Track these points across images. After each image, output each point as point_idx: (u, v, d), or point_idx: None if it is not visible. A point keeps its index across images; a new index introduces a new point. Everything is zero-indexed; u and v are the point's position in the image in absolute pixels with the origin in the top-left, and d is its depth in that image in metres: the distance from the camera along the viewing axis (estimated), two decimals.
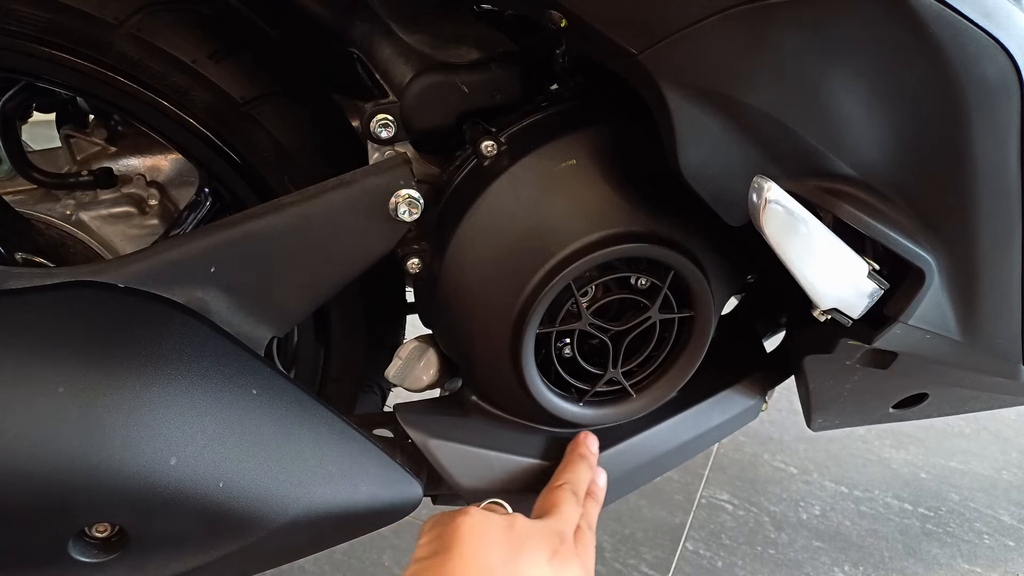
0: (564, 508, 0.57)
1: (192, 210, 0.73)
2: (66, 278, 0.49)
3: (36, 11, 0.55)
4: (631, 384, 0.64)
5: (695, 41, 0.45)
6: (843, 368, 0.65)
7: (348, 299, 0.68)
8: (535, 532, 0.53)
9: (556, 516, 0.56)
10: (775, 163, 0.51)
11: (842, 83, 0.48)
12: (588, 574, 0.54)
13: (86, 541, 0.48)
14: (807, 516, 1.20)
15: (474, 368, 0.63)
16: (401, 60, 0.58)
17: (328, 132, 0.65)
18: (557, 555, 0.52)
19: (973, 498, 1.26)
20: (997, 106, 0.49)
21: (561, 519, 0.56)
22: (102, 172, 0.73)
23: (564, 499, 0.58)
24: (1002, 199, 0.54)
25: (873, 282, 0.53)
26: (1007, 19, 0.47)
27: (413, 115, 0.57)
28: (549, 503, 0.58)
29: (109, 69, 0.58)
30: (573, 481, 0.60)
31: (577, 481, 0.60)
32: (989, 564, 1.14)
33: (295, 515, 0.51)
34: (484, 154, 0.56)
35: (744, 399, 0.73)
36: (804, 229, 0.50)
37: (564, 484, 0.59)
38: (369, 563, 1.08)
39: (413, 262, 0.59)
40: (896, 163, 0.51)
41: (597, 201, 0.56)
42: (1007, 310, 0.61)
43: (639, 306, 0.61)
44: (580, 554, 0.54)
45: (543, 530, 0.53)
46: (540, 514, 0.57)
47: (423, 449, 0.61)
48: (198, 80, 0.59)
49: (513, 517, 0.53)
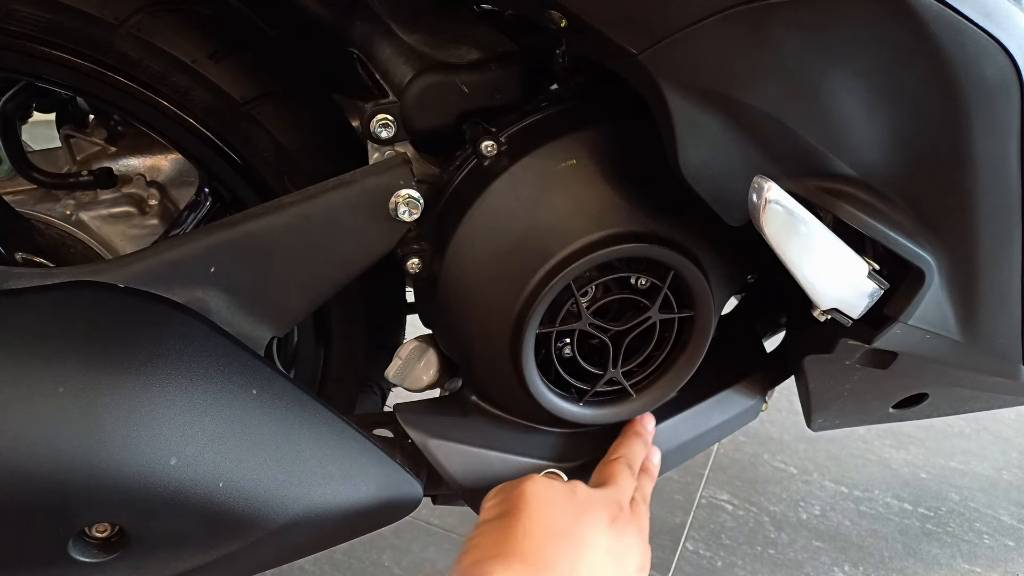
0: (620, 479, 0.59)
1: (192, 210, 0.73)
2: (66, 278, 0.49)
3: (36, 11, 0.55)
4: (631, 384, 0.64)
5: (695, 41, 0.45)
6: (843, 368, 0.65)
7: (348, 299, 0.68)
8: (596, 498, 0.56)
9: (613, 486, 0.58)
10: (775, 163, 0.51)
11: (842, 83, 0.48)
12: (644, 540, 0.57)
13: (86, 541, 0.48)
14: (807, 516, 1.20)
15: (474, 368, 0.63)
16: (401, 60, 0.58)
17: (328, 132, 0.65)
18: (616, 521, 0.55)
19: (973, 498, 1.26)
20: (997, 106, 0.49)
21: (618, 489, 0.58)
22: (102, 172, 0.73)
23: (620, 471, 0.60)
24: (1002, 199, 0.54)
25: (873, 282, 0.53)
26: (1007, 19, 0.47)
27: (413, 115, 0.57)
28: (606, 475, 0.60)
29: (109, 69, 0.58)
30: (628, 456, 0.63)
31: (632, 456, 0.63)
32: (989, 564, 1.14)
33: (295, 515, 0.52)
34: (484, 154, 0.56)
35: (744, 399, 0.73)
36: (804, 229, 0.50)
37: (620, 458, 0.62)
38: (369, 563, 1.08)
39: (413, 262, 0.59)
40: (896, 163, 0.51)
41: (597, 201, 0.56)
42: (1007, 310, 0.61)
43: (639, 306, 0.61)
44: (637, 522, 0.57)
45: (603, 497, 0.56)
46: (597, 484, 0.59)
47: (423, 449, 0.61)
48: (198, 80, 0.59)
49: (574, 484, 0.56)
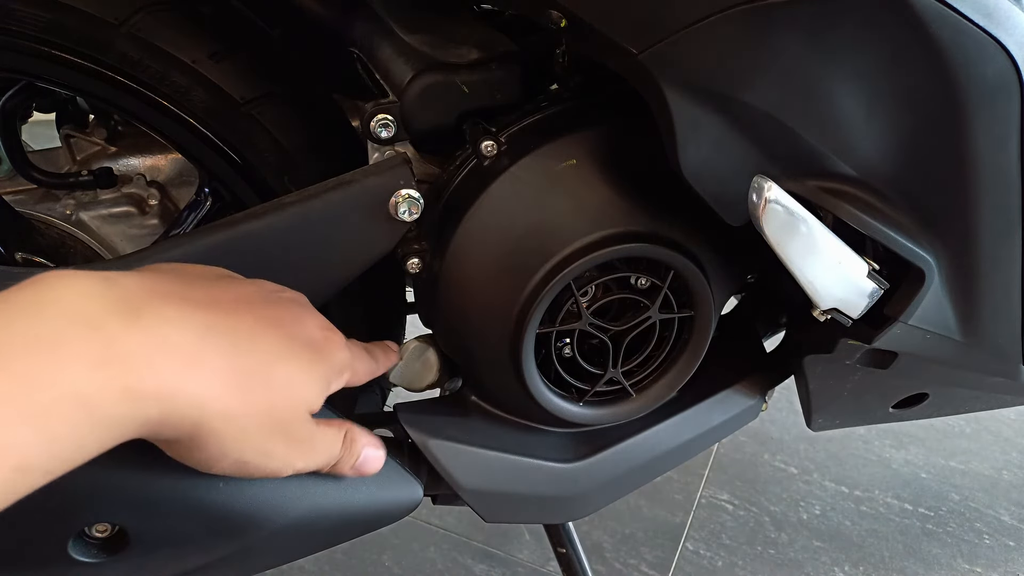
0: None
1: (192, 210, 0.73)
2: None
3: (36, 11, 0.54)
4: (631, 384, 0.64)
5: (696, 41, 0.45)
6: (843, 368, 0.65)
7: (348, 299, 0.68)
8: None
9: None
10: (775, 163, 0.51)
11: (842, 83, 0.48)
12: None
13: (86, 541, 0.48)
14: (807, 516, 1.20)
15: (474, 368, 0.63)
16: (401, 60, 0.58)
17: (328, 132, 0.65)
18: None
19: (973, 498, 1.26)
20: (997, 106, 0.49)
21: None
22: (102, 172, 0.73)
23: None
24: (1002, 199, 0.54)
25: (873, 282, 0.53)
26: (1007, 19, 0.47)
27: (413, 115, 0.57)
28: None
29: (109, 69, 0.58)
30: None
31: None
32: (989, 564, 1.14)
33: (295, 516, 0.51)
34: (484, 154, 0.56)
35: (744, 399, 0.73)
36: (804, 229, 0.50)
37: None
38: (369, 563, 1.08)
39: (413, 262, 0.59)
40: (896, 163, 0.51)
41: (597, 201, 0.56)
42: (1007, 310, 0.61)
43: (639, 306, 0.61)
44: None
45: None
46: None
47: (423, 449, 0.61)
48: (198, 80, 0.59)
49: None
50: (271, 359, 0.39)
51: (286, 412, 0.39)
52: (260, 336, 0.39)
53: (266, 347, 0.39)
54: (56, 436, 0.30)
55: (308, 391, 0.41)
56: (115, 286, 0.34)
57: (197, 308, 0.36)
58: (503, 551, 1.12)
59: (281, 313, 0.41)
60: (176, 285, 0.38)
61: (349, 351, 0.46)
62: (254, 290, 0.42)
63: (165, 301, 0.35)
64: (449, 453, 0.62)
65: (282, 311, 0.42)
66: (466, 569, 1.09)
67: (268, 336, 0.39)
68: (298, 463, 0.41)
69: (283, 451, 0.40)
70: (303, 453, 0.41)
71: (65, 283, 0.33)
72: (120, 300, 0.33)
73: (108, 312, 0.33)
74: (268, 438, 0.39)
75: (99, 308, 0.32)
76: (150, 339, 0.33)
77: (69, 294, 0.32)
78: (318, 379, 0.42)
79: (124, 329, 0.32)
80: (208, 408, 0.35)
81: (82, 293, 0.33)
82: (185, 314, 0.35)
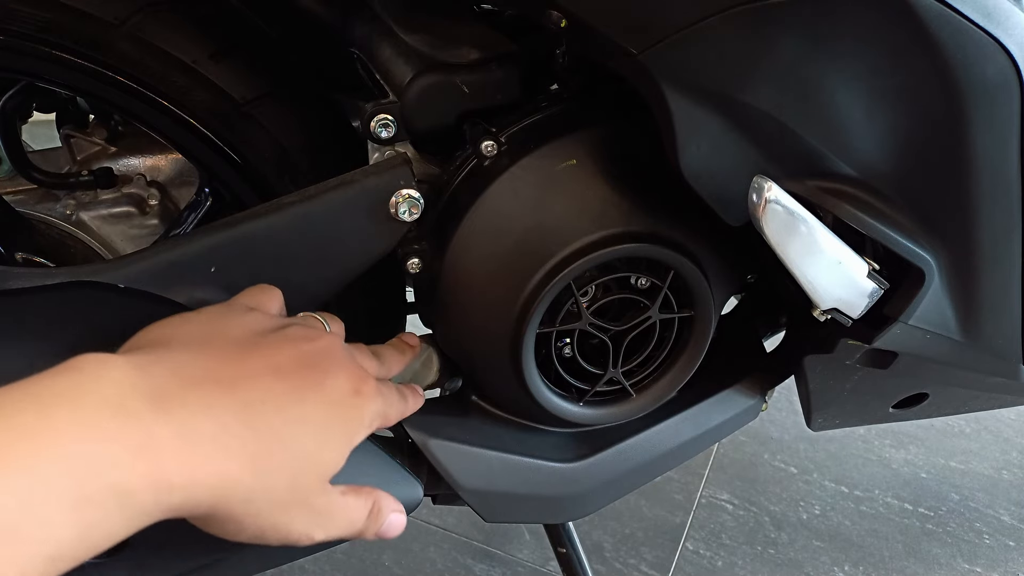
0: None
1: (192, 210, 0.73)
2: (66, 278, 0.49)
3: (36, 11, 0.54)
4: (631, 384, 0.64)
5: (695, 41, 0.45)
6: (843, 368, 0.65)
7: (348, 299, 0.68)
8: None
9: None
10: (775, 163, 0.51)
11: (842, 83, 0.48)
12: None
13: None
14: (807, 516, 1.20)
15: (474, 368, 0.63)
16: (401, 60, 0.58)
17: (328, 132, 0.65)
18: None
19: (973, 498, 1.26)
20: (997, 106, 0.49)
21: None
22: (102, 172, 0.73)
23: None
24: (1002, 199, 0.54)
25: (873, 282, 0.53)
26: (1007, 19, 0.47)
27: (413, 115, 0.57)
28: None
29: (109, 69, 0.58)
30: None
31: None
32: (989, 564, 1.14)
33: None
34: (484, 154, 0.56)
35: (744, 399, 0.73)
36: (804, 229, 0.50)
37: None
38: (369, 563, 1.08)
39: (413, 262, 0.59)
40: (896, 163, 0.51)
41: (597, 201, 0.56)
42: (1007, 310, 0.61)
43: (639, 306, 0.61)
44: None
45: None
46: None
47: (423, 449, 0.61)
48: (198, 80, 0.59)
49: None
50: (296, 432, 0.39)
51: (306, 485, 0.40)
52: (286, 408, 0.39)
53: (292, 418, 0.39)
54: (91, 525, 0.30)
55: (332, 456, 0.41)
56: (147, 375, 0.34)
57: (223, 391, 0.37)
58: (503, 551, 1.12)
59: (313, 377, 0.41)
60: (204, 361, 0.38)
61: (381, 399, 0.46)
62: (286, 353, 0.41)
63: (191, 388, 0.36)
64: (449, 453, 0.62)
65: (314, 374, 0.41)
66: (466, 569, 1.09)
67: (295, 408, 0.39)
68: (317, 535, 0.42)
69: (302, 524, 0.40)
70: (322, 525, 0.42)
71: (101, 371, 0.33)
72: (153, 389, 0.34)
73: (143, 403, 0.33)
74: (285, 513, 0.39)
75: (135, 399, 0.33)
76: (177, 430, 0.34)
77: (106, 384, 0.33)
78: (345, 442, 0.42)
79: (155, 420, 0.33)
80: (226, 493, 0.36)
81: (118, 382, 0.33)
82: (211, 401, 0.36)
